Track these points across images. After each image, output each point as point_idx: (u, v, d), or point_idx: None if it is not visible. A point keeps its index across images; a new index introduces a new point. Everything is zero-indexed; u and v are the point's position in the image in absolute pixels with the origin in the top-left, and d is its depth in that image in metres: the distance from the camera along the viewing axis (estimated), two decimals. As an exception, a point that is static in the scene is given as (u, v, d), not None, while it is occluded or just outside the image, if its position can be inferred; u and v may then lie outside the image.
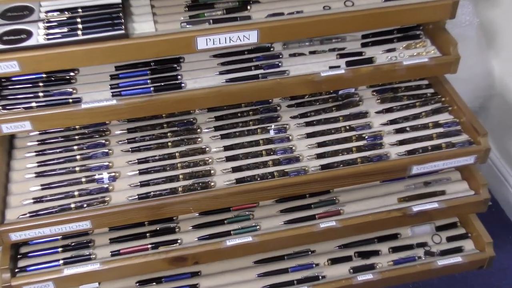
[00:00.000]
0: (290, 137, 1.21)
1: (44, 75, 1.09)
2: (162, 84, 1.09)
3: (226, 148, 1.19)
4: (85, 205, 1.08)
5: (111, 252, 1.15)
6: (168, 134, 1.19)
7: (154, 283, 1.20)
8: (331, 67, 1.15)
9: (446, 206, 1.22)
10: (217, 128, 1.22)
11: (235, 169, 1.15)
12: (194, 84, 1.11)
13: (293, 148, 1.19)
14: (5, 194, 1.10)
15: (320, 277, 1.23)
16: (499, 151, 1.66)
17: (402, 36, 1.23)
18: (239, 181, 1.13)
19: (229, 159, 1.17)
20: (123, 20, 1.02)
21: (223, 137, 1.20)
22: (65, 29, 1.01)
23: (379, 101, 1.27)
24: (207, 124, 1.22)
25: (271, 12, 1.09)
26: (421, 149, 1.19)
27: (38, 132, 1.17)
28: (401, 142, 1.21)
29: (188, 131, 1.20)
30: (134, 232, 1.18)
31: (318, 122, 1.23)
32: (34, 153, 1.16)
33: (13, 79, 1.08)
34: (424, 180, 1.27)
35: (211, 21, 1.06)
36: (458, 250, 1.29)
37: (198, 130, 1.21)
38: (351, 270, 1.24)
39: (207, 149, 1.18)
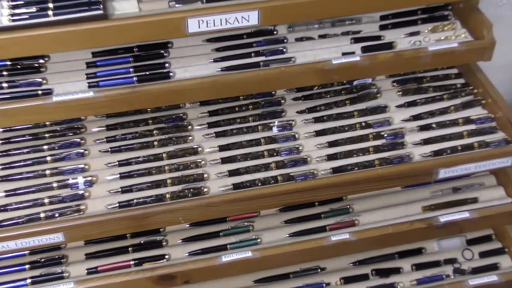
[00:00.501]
0: (297, 135, 1.21)
1: (9, 63, 1.08)
2: (147, 73, 1.09)
3: (222, 148, 1.18)
4: (56, 215, 1.08)
5: (87, 269, 1.14)
6: (154, 131, 1.19)
7: (137, 306, 1.20)
8: (344, 54, 1.15)
9: (478, 216, 1.22)
10: (211, 125, 1.21)
11: (232, 173, 1.15)
12: (184, 73, 1.10)
13: (300, 148, 1.19)
14: (-36, 202, 1.09)
15: (332, 299, 1.23)
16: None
17: (428, 17, 1.22)
18: (236, 186, 1.13)
19: (225, 161, 1.17)
20: (101, -1, 1.02)
21: (218, 135, 1.20)
22: (33, 9, 1.00)
23: (401, 93, 1.27)
24: (200, 120, 1.22)
25: (274, -11, 1.09)
26: (450, 150, 1.19)
27: (1, 130, 1.17)
28: (426, 141, 1.21)
29: (177, 128, 1.20)
30: (114, 246, 1.18)
31: (329, 118, 1.23)
32: (-2, 154, 1.16)
33: (-27, 67, 1.08)
34: (453, 186, 1.27)
35: (204, -1, 1.06)
36: (493, 267, 1.29)
37: (189, 127, 1.21)
38: (368, 291, 1.25)
39: (199, 149, 1.18)
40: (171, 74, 1.09)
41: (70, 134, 1.18)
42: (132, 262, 1.15)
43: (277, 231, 1.20)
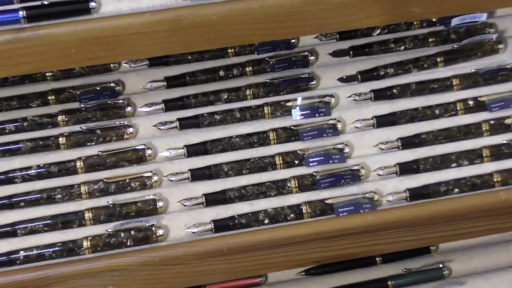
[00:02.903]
0: (339, 126, 1.21)
1: None
2: (46, 3, 1.09)
3: (192, 151, 1.19)
4: None
5: None
6: (60, 118, 1.20)
7: None
8: (432, -37, 1.14)
9: None
10: (170, 106, 1.22)
11: (211, 200, 1.16)
12: (118, 3, 1.10)
13: (346, 150, 1.19)
14: None
15: None
16: None
17: None
18: (220, 226, 1.13)
19: (198, 175, 1.17)
20: None
21: (185, 125, 1.21)
22: None
23: (546, 43, 1.28)
24: (148, 96, 1.23)
25: None
26: None
27: None
28: None
29: (104, 111, 1.21)
30: None
31: (402, 91, 1.24)
32: None
33: None
34: None
35: None
36: None
37: (128, 108, 1.21)
38: None
39: (148, 152, 1.18)
40: (92, 4, 1.09)
41: None
42: None
43: (301, 314, 1.21)
